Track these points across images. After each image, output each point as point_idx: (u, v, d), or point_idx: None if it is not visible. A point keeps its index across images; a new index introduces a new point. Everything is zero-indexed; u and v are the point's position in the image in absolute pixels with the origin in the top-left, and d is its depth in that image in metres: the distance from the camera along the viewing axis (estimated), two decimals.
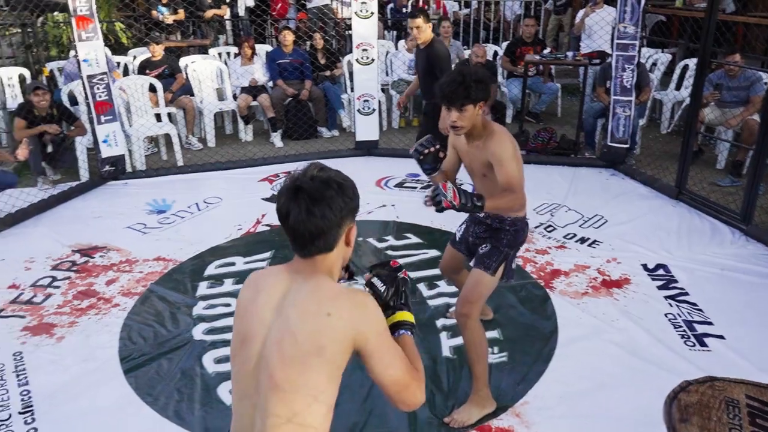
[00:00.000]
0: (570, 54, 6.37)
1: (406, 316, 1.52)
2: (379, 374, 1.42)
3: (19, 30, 8.22)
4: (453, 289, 3.50)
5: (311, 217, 1.36)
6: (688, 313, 3.30)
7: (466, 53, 7.03)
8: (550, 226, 4.36)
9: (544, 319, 3.26)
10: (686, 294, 3.48)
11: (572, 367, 2.87)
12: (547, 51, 6.98)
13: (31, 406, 2.64)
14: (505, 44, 7.40)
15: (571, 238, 4.18)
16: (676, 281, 3.62)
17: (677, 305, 3.37)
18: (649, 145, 6.10)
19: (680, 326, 3.19)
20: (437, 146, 2.51)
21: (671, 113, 6.50)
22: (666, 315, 3.29)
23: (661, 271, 3.73)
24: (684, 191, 4.75)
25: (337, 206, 1.38)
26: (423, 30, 4.32)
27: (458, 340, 3.02)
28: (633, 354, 2.97)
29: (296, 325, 1.36)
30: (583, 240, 4.16)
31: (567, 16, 8.86)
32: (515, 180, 2.34)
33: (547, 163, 5.59)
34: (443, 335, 3.12)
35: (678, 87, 6.50)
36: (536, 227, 4.31)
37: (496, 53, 7.39)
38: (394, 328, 1.50)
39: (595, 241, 4.14)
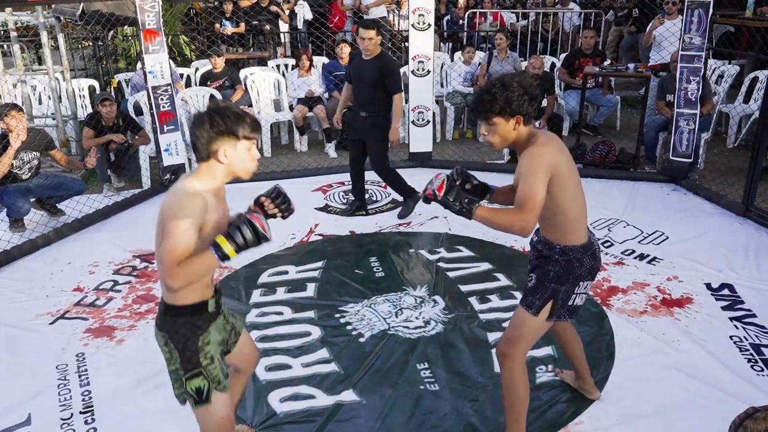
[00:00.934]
0: (631, 66, 6.21)
1: (221, 240, 1.86)
2: (161, 246, 1.84)
3: (91, 43, 8.65)
4: (507, 303, 3.45)
5: (191, 133, 1.90)
6: (756, 336, 3.14)
7: (523, 65, 6.95)
8: (607, 241, 4.24)
9: (601, 337, 3.16)
10: (754, 316, 3.31)
11: (630, 388, 2.77)
12: (607, 63, 6.83)
13: (92, 406, 2.73)
14: (563, 56, 7.28)
15: (629, 255, 4.05)
16: (742, 302, 3.45)
17: (743, 327, 3.21)
18: (713, 159, 5.86)
19: (747, 350, 3.03)
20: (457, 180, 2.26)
21: (738, 127, 6.24)
22: (731, 337, 3.13)
23: (726, 291, 3.57)
24: (752, 208, 4.53)
25: (205, 129, 1.85)
26: (374, 42, 4.32)
27: None
28: (695, 377, 2.84)
29: None
30: (642, 256, 4.02)
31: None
32: (528, 198, 2.02)
33: (605, 177, 5.45)
34: (494, 351, 3.06)
35: (746, 100, 6.24)
36: None
37: (553, 65, 7.28)
38: (216, 246, 1.86)
39: (655, 258, 4.00)
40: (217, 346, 2.02)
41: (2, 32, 6.20)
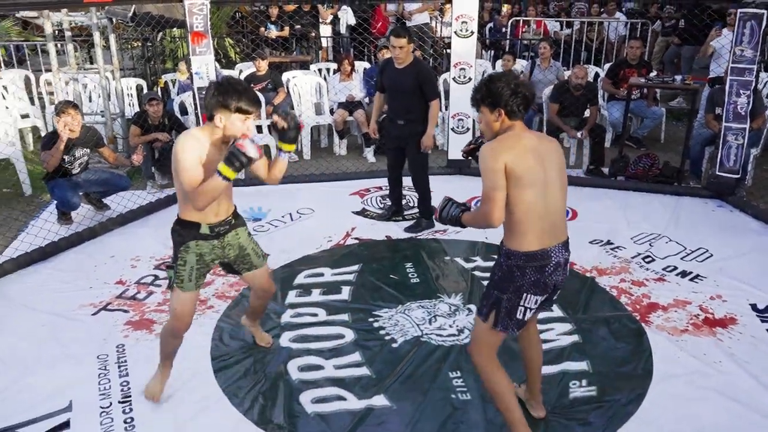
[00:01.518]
0: (678, 78, 6.08)
1: (221, 167, 2.34)
2: (179, 181, 2.43)
3: (140, 44, 8.89)
4: (541, 315, 3.40)
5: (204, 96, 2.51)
6: None
7: (566, 74, 6.87)
8: (648, 256, 4.15)
9: (638, 354, 3.09)
10: None
11: (667, 408, 2.70)
12: (653, 74, 6.70)
13: (130, 396, 2.80)
14: (607, 66, 7.17)
15: (671, 271, 3.96)
16: None
17: None
18: (763, 176, 5.69)
19: None
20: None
21: None
22: None
23: None
24: None
25: (209, 96, 2.39)
26: (406, 50, 4.29)
27: (543, 369, 2.92)
28: (736, 400, 2.75)
29: None
30: (684, 273, 3.93)
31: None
32: (484, 191, 2.17)
33: (647, 191, 5.34)
34: None
35: None
36: (633, 257, 4.12)
37: (597, 75, 7.17)
38: (219, 172, 2.35)
39: (698, 275, 3.90)
40: (194, 257, 2.57)
41: (57, 32, 6.41)
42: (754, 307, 3.51)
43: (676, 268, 4.00)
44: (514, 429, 2.36)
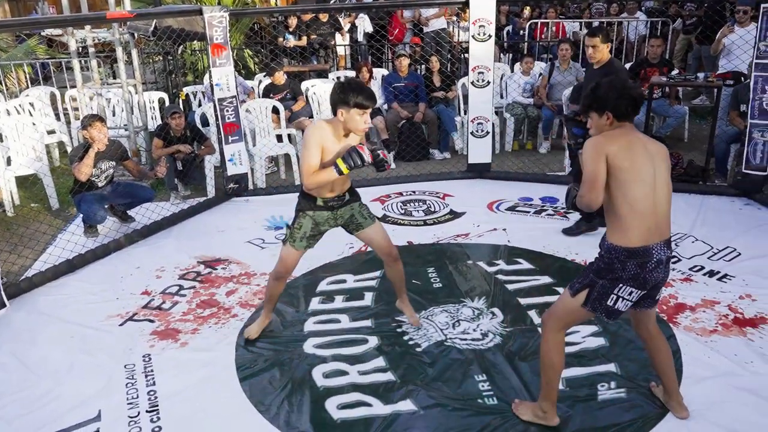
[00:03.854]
0: (701, 75, 5.99)
1: (339, 161, 2.80)
2: (301, 164, 2.89)
3: (161, 58, 9.03)
4: None
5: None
6: None
7: None
8: (674, 256, 4.08)
9: None
10: None
11: (699, 410, 2.65)
12: (675, 72, 6.61)
13: (157, 405, 2.83)
14: (627, 65, 7.09)
15: (698, 271, 3.89)
16: None
17: None
18: None
19: None
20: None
21: None
22: None
23: None
24: None
25: (333, 93, 2.83)
26: (599, 49, 4.19)
27: (571, 371, 2.89)
28: None
29: None
30: (712, 273, 3.86)
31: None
32: (586, 179, 2.26)
33: (672, 191, 5.24)
34: None
35: None
36: None
37: None
38: (336, 165, 2.81)
39: (726, 275, 3.82)
40: (310, 223, 3.04)
41: (81, 49, 6.55)
42: None
43: (703, 267, 3.93)
44: (545, 391, 2.51)
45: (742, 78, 5.87)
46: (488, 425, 2.62)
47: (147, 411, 2.79)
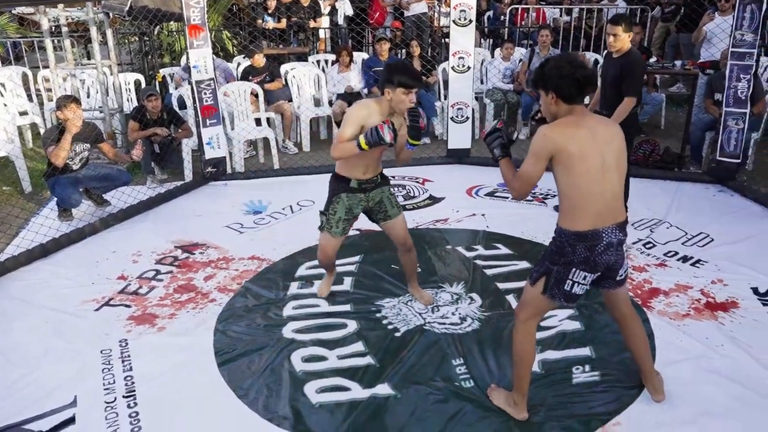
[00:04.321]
0: (678, 63, 6.05)
1: (360, 138, 2.83)
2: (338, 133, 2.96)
3: (137, 38, 8.86)
4: None
5: None
6: None
7: None
8: (649, 242, 4.15)
9: None
10: None
11: (671, 392, 2.71)
12: (653, 60, 6.67)
13: (134, 391, 2.81)
14: (606, 53, 7.13)
15: (672, 256, 3.96)
16: None
17: None
18: (763, 161, 5.68)
19: None
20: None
21: None
22: None
23: None
24: None
25: (384, 74, 2.88)
26: (620, 38, 4.04)
27: (546, 354, 2.94)
28: (739, 383, 2.76)
29: None
30: (685, 258, 3.93)
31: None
32: (520, 173, 2.32)
33: (648, 177, 5.33)
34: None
35: None
36: (634, 243, 4.12)
37: (596, 62, 7.14)
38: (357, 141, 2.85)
39: (699, 260, 3.90)
40: (344, 206, 3.12)
41: (54, 28, 6.39)
42: (755, 290, 3.52)
43: (677, 253, 4.00)
44: (515, 397, 2.54)
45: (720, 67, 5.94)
46: (463, 408, 2.65)
47: (124, 396, 2.78)
